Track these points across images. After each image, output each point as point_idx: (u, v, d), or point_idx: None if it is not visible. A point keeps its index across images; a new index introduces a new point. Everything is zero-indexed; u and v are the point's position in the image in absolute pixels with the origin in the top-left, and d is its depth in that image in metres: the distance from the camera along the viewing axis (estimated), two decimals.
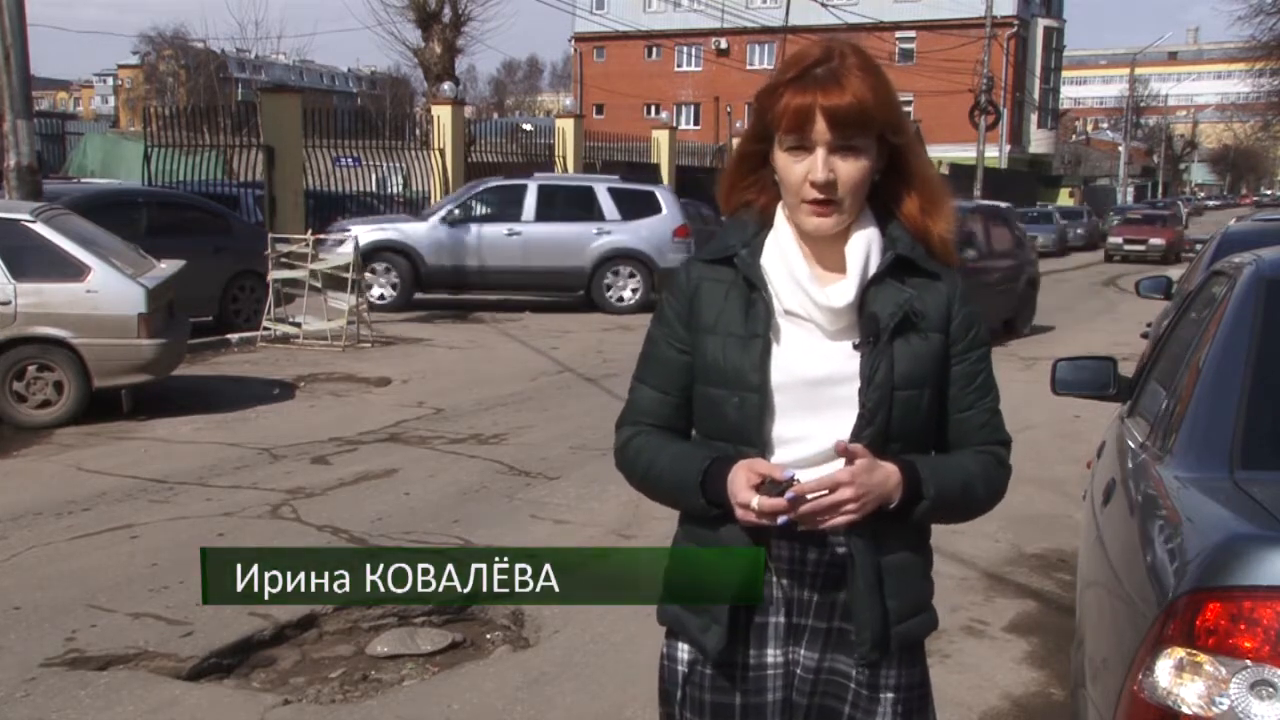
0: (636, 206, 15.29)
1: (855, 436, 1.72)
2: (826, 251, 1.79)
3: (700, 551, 1.83)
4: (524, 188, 15.59)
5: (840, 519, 1.69)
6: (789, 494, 1.64)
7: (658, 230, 14.91)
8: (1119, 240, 31.75)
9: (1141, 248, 30.99)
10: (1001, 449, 1.86)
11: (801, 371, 1.75)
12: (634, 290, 15.48)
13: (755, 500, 1.65)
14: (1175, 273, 10.74)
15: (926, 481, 1.74)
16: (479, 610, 4.84)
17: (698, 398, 1.84)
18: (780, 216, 1.83)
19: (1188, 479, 2.31)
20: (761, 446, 1.76)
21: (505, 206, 15.42)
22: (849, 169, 1.71)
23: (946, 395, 1.81)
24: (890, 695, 1.80)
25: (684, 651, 1.87)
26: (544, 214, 15.19)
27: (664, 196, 15.50)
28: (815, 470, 1.73)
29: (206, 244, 11.93)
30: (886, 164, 1.77)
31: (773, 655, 1.82)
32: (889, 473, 1.70)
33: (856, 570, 1.75)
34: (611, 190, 15.50)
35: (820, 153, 1.70)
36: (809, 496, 1.65)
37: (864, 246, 1.77)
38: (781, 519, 1.66)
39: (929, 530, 1.85)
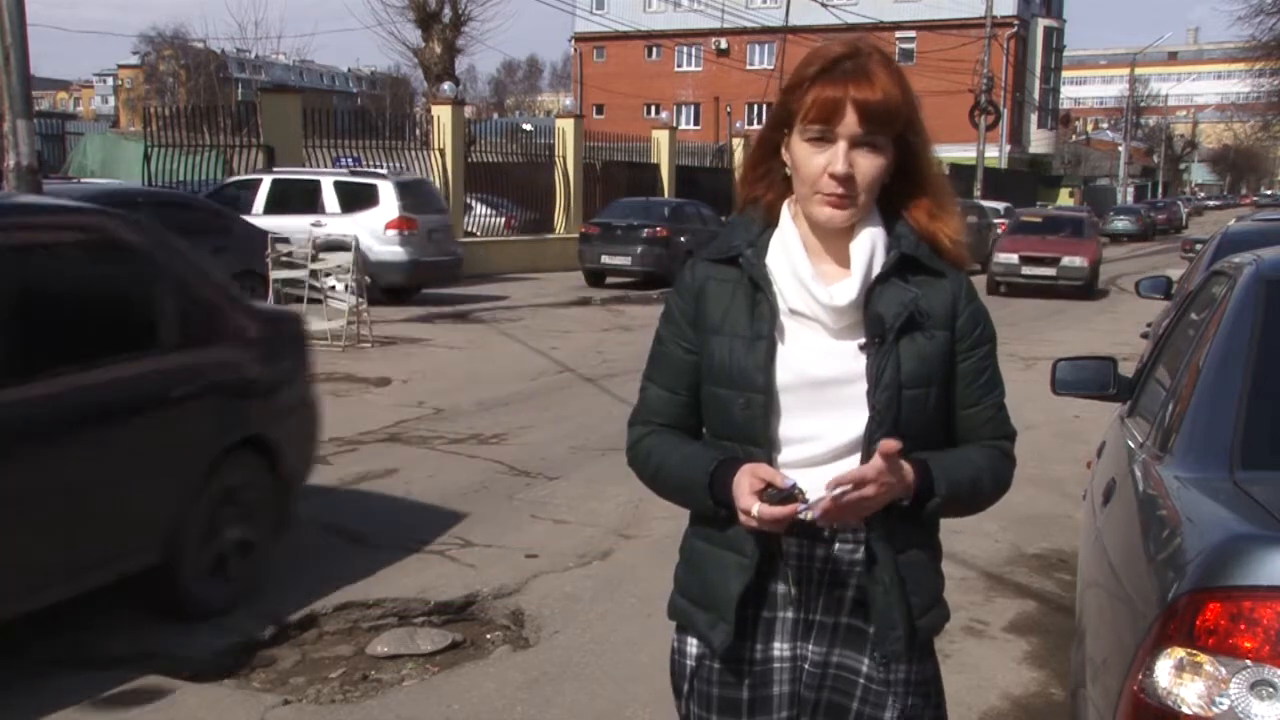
0: (358, 199, 15.31)
1: (869, 438, 1.73)
2: (831, 249, 1.80)
3: (708, 549, 1.84)
4: (259, 181, 15.70)
5: (853, 517, 1.70)
6: (834, 492, 1.63)
7: (369, 223, 14.80)
8: (1011, 259, 20.42)
9: (1049, 272, 20.13)
10: (1007, 443, 1.88)
11: (807, 372, 1.76)
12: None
13: (756, 508, 1.66)
14: (1174, 273, 10.73)
15: (939, 479, 1.75)
16: (479, 610, 4.85)
17: (705, 398, 1.85)
18: (785, 214, 1.83)
19: (1188, 479, 2.31)
20: (768, 446, 1.76)
21: (243, 201, 15.37)
22: (868, 164, 1.72)
23: (953, 392, 1.82)
24: (900, 690, 1.81)
25: (692, 646, 1.88)
26: (273, 207, 15.10)
27: (386, 190, 15.38)
28: (820, 471, 1.74)
29: (206, 244, 11.90)
30: (896, 167, 1.77)
31: (780, 649, 1.83)
32: (906, 471, 1.71)
33: (881, 568, 1.76)
34: (337, 184, 15.57)
35: (842, 145, 1.71)
36: (836, 492, 1.64)
37: (869, 245, 1.78)
38: (800, 513, 1.66)
39: (938, 525, 1.87)
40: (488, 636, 4.64)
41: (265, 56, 74.89)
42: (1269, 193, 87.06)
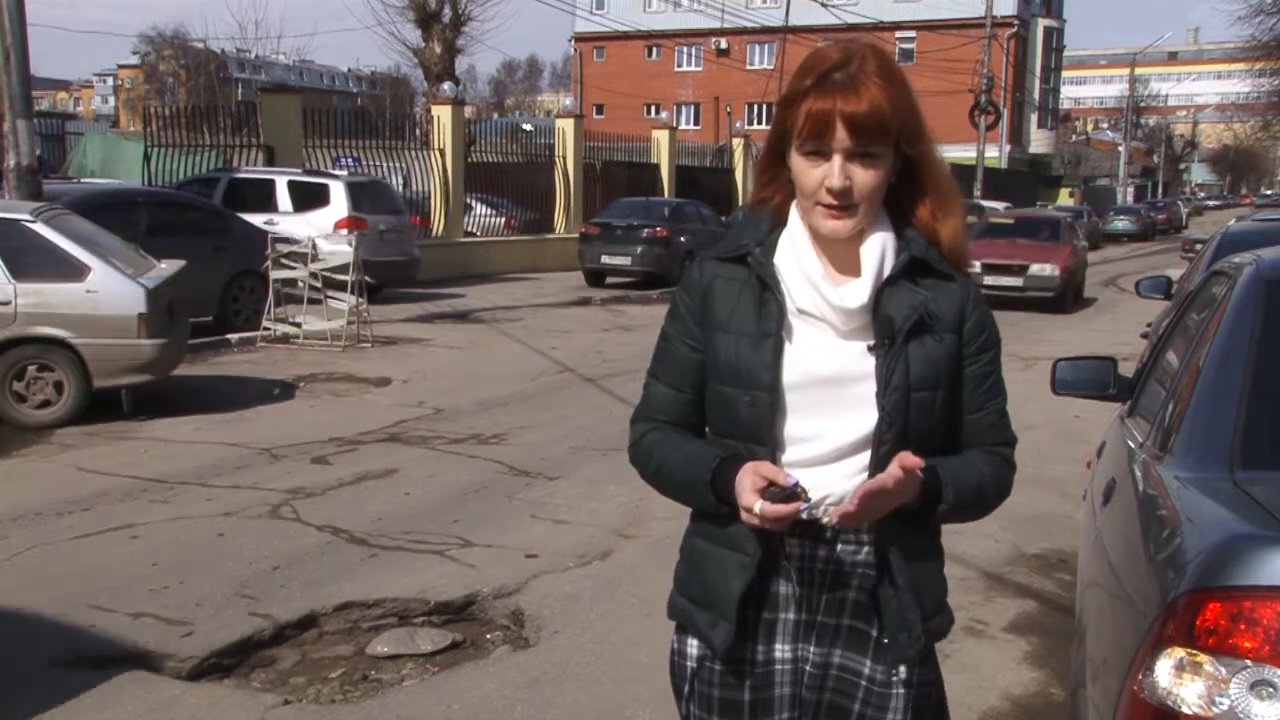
0: (310, 199, 15.51)
1: (878, 440, 1.73)
2: (841, 252, 1.80)
3: (709, 547, 1.84)
4: (217, 180, 15.85)
5: (866, 520, 1.70)
6: (855, 501, 1.64)
7: (319, 222, 14.98)
8: (973, 268, 13.54)
9: (1015, 281, 17.65)
10: (1008, 449, 1.88)
11: (814, 371, 1.76)
12: None
13: (759, 505, 1.66)
14: (1174, 273, 10.73)
15: (947, 486, 1.75)
16: (479, 610, 4.85)
17: (710, 396, 1.84)
18: (794, 215, 1.83)
19: (1188, 479, 2.31)
20: (773, 445, 1.76)
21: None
22: (865, 176, 1.71)
23: (958, 396, 1.82)
24: (902, 692, 1.81)
25: (693, 647, 1.88)
26: (228, 205, 15.01)
27: (337, 190, 15.61)
28: (823, 470, 1.74)
29: (206, 244, 11.93)
30: (902, 168, 1.77)
31: (781, 651, 1.82)
32: (917, 479, 1.71)
33: (893, 571, 1.76)
34: (290, 183, 15.80)
35: (837, 159, 1.70)
36: (859, 500, 1.65)
37: (879, 248, 1.78)
38: (802, 511, 1.66)
39: (940, 529, 1.87)
40: (488, 636, 4.64)
41: (265, 56, 74.92)
42: (1269, 193, 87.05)
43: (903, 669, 1.80)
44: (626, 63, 56.25)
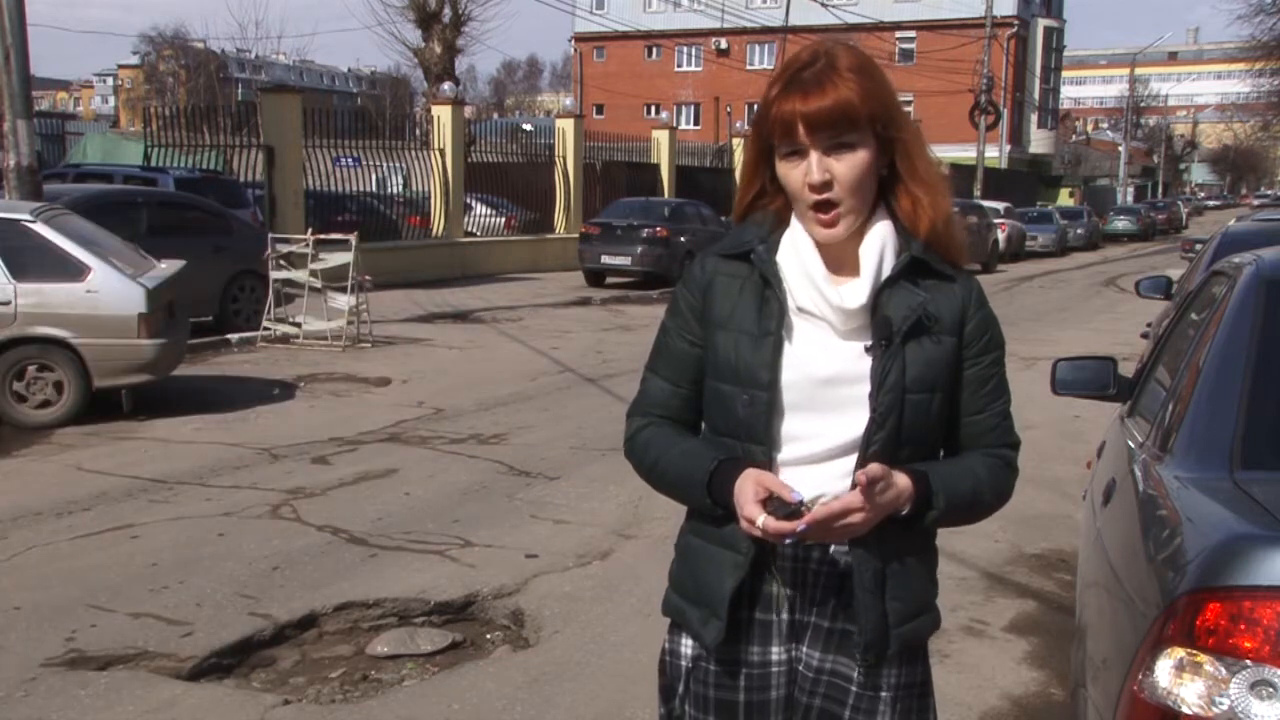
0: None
1: (867, 441, 1.72)
2: (841, 251, 1.79)
3: (704, 545, 1.84)
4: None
5: (845, 536, 1.71)
6: (801, 526, 1.63)
7: None
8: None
9: None
10: (1010, 452, 1.86)
11: (812, 370, 1.75)
12: None
13: (761, 519, 1.65)
14: (1174, 273, 10.72)
15: (937, 493, 1.74)
16: (479, 610, 4.85)
17: (707, 393, 1.84)
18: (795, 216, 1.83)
19: (1188, 479, 2.31)
20: (769, 444, 1.76)
21: None
22: (844, 167, 1.71)
23: (957, 398, 1.81)
24: (889, 695, 1.80)
25: (687, 646, 1.87)
26: None
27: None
28: (818, 469, 1.74)
29: (206, 244, 11.93)
30: (890, 162, 1.76)
31: (777, 653, 1.82)
32: (901, 490, 1.70)
33: (856, 575, 1.75)
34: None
35: (813, 155, 1.70)
36: (821, 515, 1.64)
37: (878, 247, 1.77)
38: (786, 541, 1.67)
39: (934, 532, 1.86)
40: (488, 636, 4.64)
41: (265, 56, 75.02)
42: (1269, 192, 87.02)
43: (890, 673, 1.80)
44: (626, 63, 56.24)
